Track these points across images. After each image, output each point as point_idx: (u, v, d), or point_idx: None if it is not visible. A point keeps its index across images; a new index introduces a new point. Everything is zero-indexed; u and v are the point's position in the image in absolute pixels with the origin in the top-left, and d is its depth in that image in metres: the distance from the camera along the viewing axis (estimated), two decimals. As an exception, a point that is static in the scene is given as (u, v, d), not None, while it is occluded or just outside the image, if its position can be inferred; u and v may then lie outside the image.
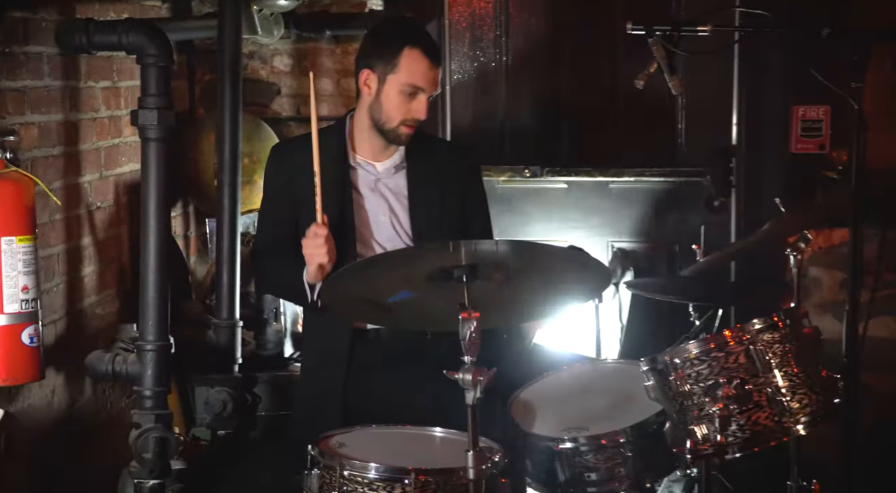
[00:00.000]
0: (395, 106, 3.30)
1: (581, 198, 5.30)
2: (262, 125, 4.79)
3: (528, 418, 3.13)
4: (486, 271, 2.74)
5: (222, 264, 4.22)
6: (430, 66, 3.27)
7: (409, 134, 3.33)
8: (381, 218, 3.38)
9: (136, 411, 3.43)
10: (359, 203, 3.37)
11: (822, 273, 4.93)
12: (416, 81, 3.27)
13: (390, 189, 3.40)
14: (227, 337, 4.15)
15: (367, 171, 3.39)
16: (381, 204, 3.39)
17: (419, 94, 3.28)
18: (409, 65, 3.26)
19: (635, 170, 5.23)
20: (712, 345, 2.88)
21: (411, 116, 3.30)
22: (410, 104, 3.29)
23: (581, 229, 5.30)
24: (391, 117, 3.31)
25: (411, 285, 2.79)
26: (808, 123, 4.98)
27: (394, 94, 3.29)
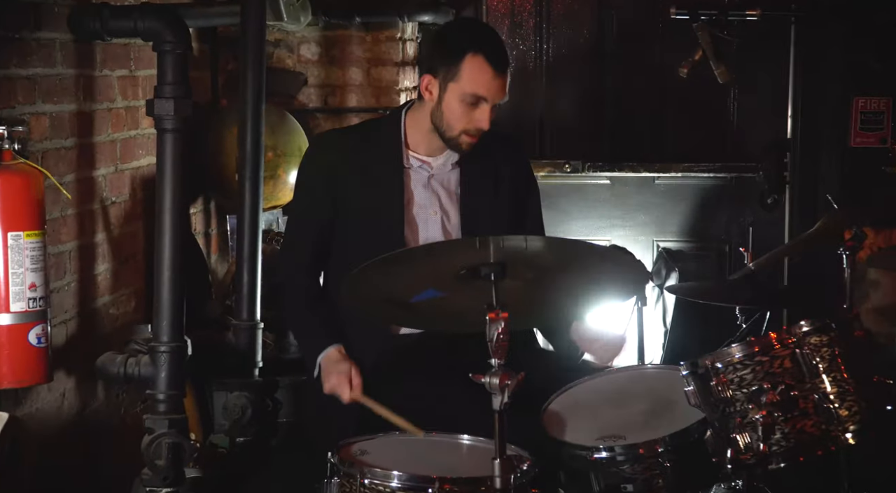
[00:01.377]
0: (457, 115, 3.30)
1: (624, 195, 5.31)
2: (287, 117, 4.80)
3: (562, 425, 3.11)
4: (515, 269, 2.73)
5: (243, 262, 4.22)
6: (495, 74, 3.25)
7: (470, 143, 3.34)
8: (432, 216, 3.41)
9: (149, 415, 3.45)
10: (409, 202, 3.39)
11: (881, 275, 4.87)
12: (479, 91, 3.26)
13: (443, 186, 3.43)
14: (247, 339, 4.15)
15: (421, 168, 3.42)
16: (433, 201, 3.42)
17: (482, 103, 3.27)
18: (471, 73, 3.25)
19: (683, 165, 5.23)
20: (756, 348, 2.86)
21: (473, 125, 3.30)
22: (473, 113, 3.29)
23: (624, 228, 5.30)
24: (452, 126, 3.32)
25: (437, 283, 2.79)
26: (869, 116, 4.94)
27: (455, 102, 3.28)
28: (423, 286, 2.81)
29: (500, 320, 2.65)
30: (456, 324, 2.97)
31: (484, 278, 2.73)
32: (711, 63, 3.11)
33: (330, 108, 5.05)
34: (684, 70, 3.19)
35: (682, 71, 3.21)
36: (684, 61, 3.18)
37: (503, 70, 3.27)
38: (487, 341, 2.64)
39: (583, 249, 2.81)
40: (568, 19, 5.34)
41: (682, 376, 2.95)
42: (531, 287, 2.80)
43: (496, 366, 2.64)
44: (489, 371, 2.63)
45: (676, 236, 5.27)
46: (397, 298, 2.84)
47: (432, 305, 2.86)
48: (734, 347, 2.88)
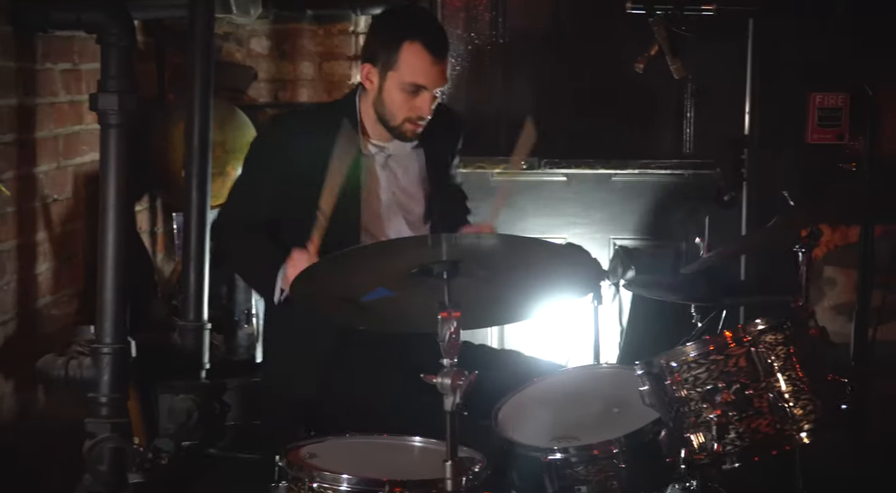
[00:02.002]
0: (398, 104, 3.33)
1: (581, 192, 5.31)
2: (236, 112, 4.79)
3: (515, 426, 3.12)
4: (469, 267, 2.73)
5: (189, 261, 4.22)
6: (433, 61, 3.28)
7: (415, 130, 3.37)
8: (390, 198, 3.44)
9: (91, 419, 3.44)
10: (366, 188, 3.40)
11: (836, 273, 4.93)
12: (417, 79, 3.28)
13: (402, 168, 3.46)
14: (193, 340, 4.15)
15: (378, 154, 3.44)
16: (391, 183, 3.45)
17: (422, 91, 3.29)
18: (408, 61, 3.27)
19: (640, 162, 5.25)
20: (711, 347, 2.88)
21: (415, 113, 3.33)
22: (413, 101, 3.32)
23: (581, 226, 5.31)
24: (394, 115, 3.35)
25: (388, 282, 2.78)
26: (826, 112, 4.98)
27: (395, 91, 3.31)
28: (373, 285, 2.80)
29: (453, 320, 2.64)
30: (408, 324, 2.97)
31: (436, 276, 2.72)
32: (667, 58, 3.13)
33: (280, 103, 5.04)
34: (640, 65, 3.21)
35: (637, 66, 3.22)
36: (640, 56, 3.20)
37: (442, 57, 3.30)
38: (439, 340, 2.64)
39: (537, 246, 2.81)
40: (525, 13, 5.35)
41: (637, 375, 2.97)
42: (485, 286, 2.80)
43: (448, 366, 2.63)
44: (441, 371, 2.62)
45: (633, 234, 5.29)
46: (348, 296, 2.83)
47: (383, 304, 2.85)
48: (689, 346, 2.90)
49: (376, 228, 3.44)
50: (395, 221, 3.45)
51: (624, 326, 4.95)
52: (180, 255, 4.50)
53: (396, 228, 3.46)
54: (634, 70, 3.26)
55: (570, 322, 4.78)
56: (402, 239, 3.12)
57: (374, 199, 3.43)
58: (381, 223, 3.44)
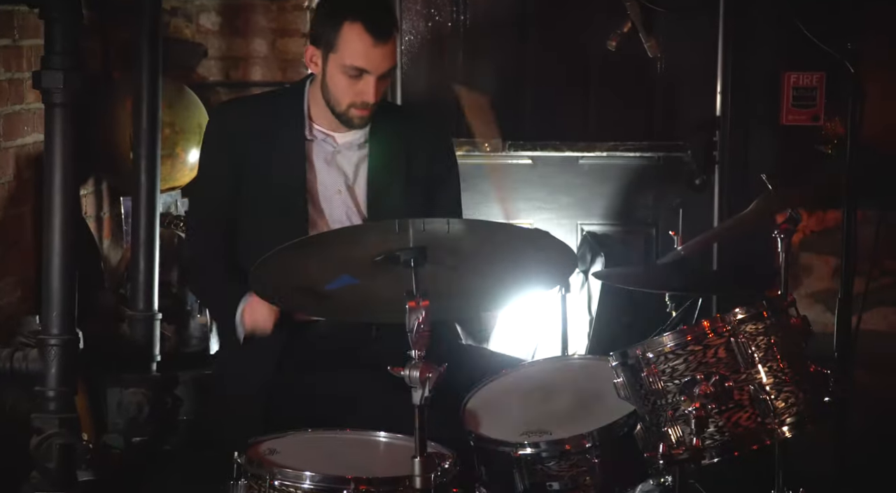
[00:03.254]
0: (341, 89, 3.30)
1: (547, 175, 5.32)
2: (185, 91, 4.76)
3: (484, 420, 3.12)
4: (437, 254, 2.73)
5: (138, 248, 4.21)
6: (373, 43, 3.24)
7: (362, 117, 3.34)
8: (336, 195, 3.40)
9: (38, 414, 3.41)
10: (312, 179, 3.38)
11: (813, 259, 4.98)
12: (357, 62, 3.25)
13: (349, 163, 3.42)
14: (143, 331, 4.14)
15: (324, 143, 3.41)
16: (337, 179, 3.41)
17: (365, 75, 3.27)
18: (349, 43, 3.24)
19: (608, 144, 5.25)
20: (689, 337, 2.88)
21: (360, 99, 3.30)
22: (357, 86, 3.28)
23: (547, 211, 5.32)
24: (338, 100, 3.32)
25: (353, 270, 2.77)
26: (801, 92, 5.02)
27: (338, 75, 3.28)
28: (336, 273, 2.79)
29: (421, 309, 2.64)
30: (373, 313, 2.97)
31: (403, 264, 2.72)
32: (641, 36, 3.14)
33: (232, 82, 5.01)
34: (612, 43, 3.22)
35: (610, 44, 3.23)
36: (612, 34, 3.20)
37: (384, 38, 3.25)
38: (407, 331, 2.63)
39: (508, 232, 2.82)
40: (487, -12, 5.35)
41: (612, 366, 2.97)
42: (453, 274, 2.80)
43: (416, 358, 2.63)
44: (409, 363, 2.62)
45: (602, 219, 5.29)
46: (309, 286, 2.83)
47: (347, 292, 2.84)
48: (666, 336, 2.91)
49: (323, 225, 3.41)
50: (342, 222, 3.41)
51: (593, 315, 4.97)
52: (129, 241, 4.47)
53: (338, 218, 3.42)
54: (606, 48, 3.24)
55: (536, 312, 4.79)
56: (367, 224, 3.12)
57: (317, 194, 3.41)
58: (326, 221, 3.41)
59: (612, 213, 5.28)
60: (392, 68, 3.31)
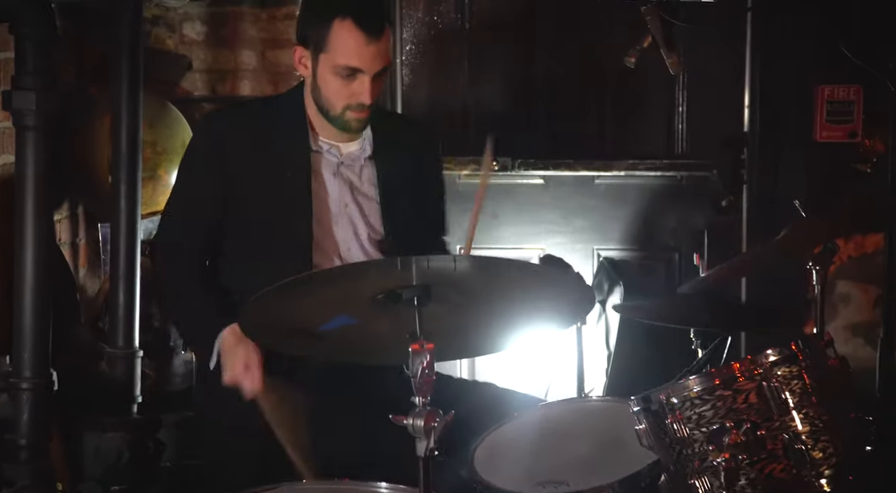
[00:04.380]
0: (333, 90, 3.32)
1: (561, 196, 5.31)
2: (168, 108, 4.76)
3: (495, 469, 3.12)
4: (442, 292, 2.72)
5: (118, 279, 4.20)
6: (366, 40, 3.26)
7: (359, 119, 3.36)
8: (343, 210, 3.44)
9: (8, 464, 3.39)
10: (318, 192, 3.41)
11: (851, 288, 4.95)
12: (350, 61, 3.27)
13: (355, 175, 3.46)
14: (123, 370, 4.14)
15: (330, 154, 3.44)
16: (344, 192, 3.44)
17: (359, 74, 3.28)
18: (340, 41, 3.27)
19: (626, 162, 5.24)
20: (717, 381, 2.89)
21: (355, 100, 3.32)
22: (351, 87, 3.30)
23: (560, 235, 5.31)
24: (332, 104, 3.35)
25: (350, 309, 2.77)
26: (837, 106, 5.00)
27: (329, 76, 3.31)
28: (332, 313, 2.78)
29: (425, 353, 2.63)
30: (372, 355, 2.96)
31: (405, 303, 2.71)
32: (662, 51, 3.12)
33: (219, 96, 5.01)
34: (631, 59, 3.21)
35: (628, 60, 3.22)
36: (631, 49, 3.20)
37: (377, 35, 3.27)
38: (411, 376, 2.63)
39: (519, 269, 2.81)
40: (493, -6, 5.36)
41: (633, 412, 2.97)
42: (460, 312, 2.79)
43: (421, 405, 2.63)
44: (412, 411, 2.61)
45: (620, 244, 5.29)
46: (303, 326, 2.82)
47: (344, 333, 2.83)
48: (692, 379, 2.90)
49: (328, 243, 3.43)
50: (346, 239, 3.45)
51: (611, 350, 4.95)
52: (107, 271, 4.46)
53: (347, 245, 3.46)
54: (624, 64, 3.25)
55: (550, 347, 4.78)
56: (367, 262, 3.12)
57: (324, 210, 3.43)
58: (332, 238, 3.43)
59: (631, 237, 5.27)
60: (387, 67, 3.34)
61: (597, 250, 5.30)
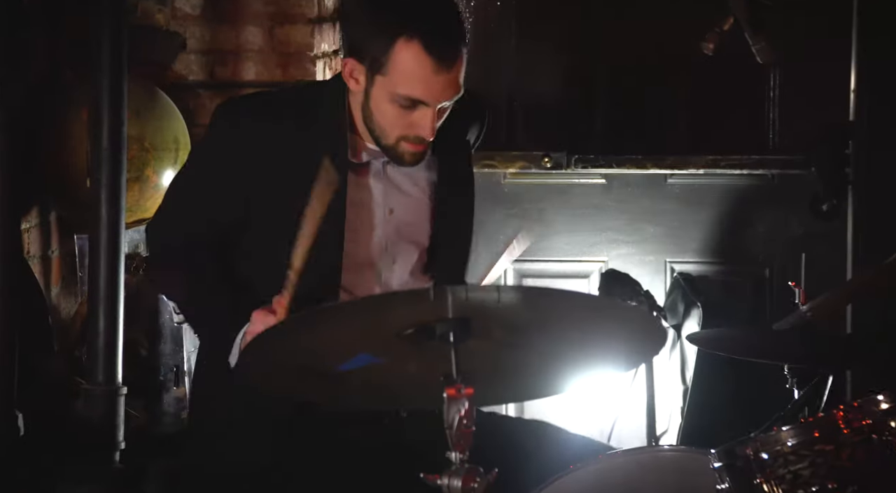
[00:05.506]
0: (390, 119, 3.27)
1: (626, 199, 5.34)
2: (158, 96, 4.78)
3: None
4: (482, 326, 2.70)
5: (98, 302, 4.20)
6: (436, 68, 3.17)
7: (415, 153, 3.31)
8: (386, 216, 3.42)
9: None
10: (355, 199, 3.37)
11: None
12: (413, 93, 3.20)
13: (403, 175, 3.43)
14: (103, 410, 4.13)
15: (375, 161, 3.41)
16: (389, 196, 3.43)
17: (421, 106, 3.23)
18: (403, 66, 3.18)
19: (705, 158, 5.25)
20: (816, 433, 2.86)
21: (413, 132, 3.27)
22: (410, 117, 3.25)
23: (626, 245, 5.34)
24: (385, 132, 3.29)
25: (374, 347, 2.75)
26: (965, 90, 4.99)
27: (385, 103, 3.24)
28: (351, 351, 2.76)
29: (463, 399, 2.62)
30: (399, 402, 2.95)
31: (439, 339, 2.69)
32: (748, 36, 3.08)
33: (218, 81, 5.03)
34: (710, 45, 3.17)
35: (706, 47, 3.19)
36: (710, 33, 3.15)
37: (450, 62, 3.18)
38: (446, 427, 2.61)
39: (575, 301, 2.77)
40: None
41: (714, 468, 2.93)
42: (504, 350, 2.77)
43: (458, 462, 2.61)
44: (448, 470, 2.61)
45: (698, 257, 5.30)
46: (317, 367, 2.80)
47: (365, 375, 2.82)
48: (785, 431, 2.87)
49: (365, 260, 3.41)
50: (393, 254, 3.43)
51: (688, 385, 4.92)
52: (85, 292, 4.46)
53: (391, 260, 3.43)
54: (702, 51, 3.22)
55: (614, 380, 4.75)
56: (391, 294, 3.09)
57: (364, 223, 3.40)
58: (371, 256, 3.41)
59: (712, 248, 5.27)
60: (457, 96, 3.26)
61: (670, 263, 5.32)
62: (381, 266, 3.41)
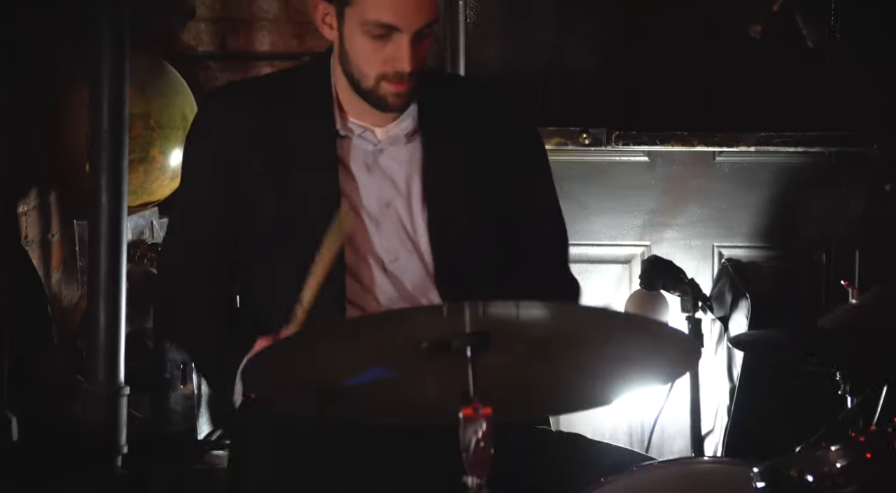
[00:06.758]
0: (364, 55, 3.26)
1: (671, 178, 5.34)
2: (164, 68, 4.80)
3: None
4: (502, 340, 2.68)
5: (98, 295, 4.21)
6: None
7: (398, 93, 3.30)
8: (384, 211, 3.40)
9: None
10: (350, 191, 3.37)
11: None
12: (381, 15, 3.19)
13: (398, 164, 3.41)
14: (104, 412, 4.14)
15: (362, 140, 3.40)
16: (384, 188, 3.40)
17: (395, 33, 3.23)
18: None
19: (757, 135, 5.23)
20: (868, 454, 2.81)
21: (391, 68, 3.26)
22: (385, 50, 3.25)
23: (671, 228, 5.35)
24: (363, 73, 3.29)
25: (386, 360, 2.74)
26: None
27: (357, 37, 3.25)
28: (364, 365, 2.75)
29: (481, 419, 2.60)
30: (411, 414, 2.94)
31: (456, 353, 2.67)
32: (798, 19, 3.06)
33: (229, 52, 5.06)
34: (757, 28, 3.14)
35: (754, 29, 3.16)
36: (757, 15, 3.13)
37: None
38: (462, 450, 2.60)
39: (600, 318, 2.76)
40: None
41: (756, 489, 2.91)
42: (525, 365, 2.75)
43: (474, 488, 2.59)
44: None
45: (748, 241, 5.31)
46: (325, 381, 2.79)
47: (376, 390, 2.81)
48: (834, 450, 2.83)
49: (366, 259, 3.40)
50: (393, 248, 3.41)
51: (735, 383, 4.89)
52: (84, 283, 4.46)
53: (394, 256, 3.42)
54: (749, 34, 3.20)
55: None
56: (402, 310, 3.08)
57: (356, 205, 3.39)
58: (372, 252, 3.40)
59: (763, 233, 5.27)
60: (432, 22, 3.25)
61: (717, 247, 5.32)
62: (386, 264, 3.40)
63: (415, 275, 3.41)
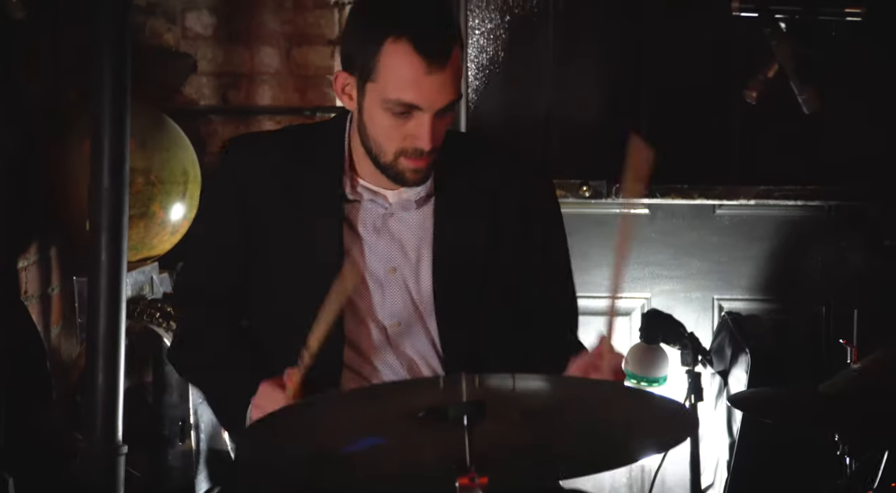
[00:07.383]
0: (384, 131, 3.24)
1: (671, 231, 5.35)
2: (166, 123, 4.78)
3: None
4: (498, 409, 2.68)
5: (97, 356, 4.18)
6: (427, 68, 3.16)
7: (416, 170, 3.28)
8: (389, 276, 3.38)
9: None
10: (354, 254, 3.36)
11: None
12: (405, 95, 3.17)
13: (408, 229, 3.40)
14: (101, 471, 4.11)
15: (373, 203, 3.39)
16: (391, 252, 3.39)
17: (416, 112, 3.21)
18: (392, 69, 3.17)
19: (757, 188, 5.25)
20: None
21: (410, 144, 3.24)
22: (405, 127, 3.23)
23: (671, 280, 5.34)
24: (382, 147, 3.26)
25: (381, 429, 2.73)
26: None
27: (378, 113, 3.22)
28: (360, 433, 2.74)
29: (477, 489, 2.58)
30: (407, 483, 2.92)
31: (452, 421, 2.67)
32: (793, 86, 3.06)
33: (231, 107, 5.05)
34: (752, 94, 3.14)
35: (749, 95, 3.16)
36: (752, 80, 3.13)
37: (441, 60, 3.16)
38: (458, 520, 2.59)
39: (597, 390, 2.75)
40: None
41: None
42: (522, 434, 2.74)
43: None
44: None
45: (748, 294, 5.31)
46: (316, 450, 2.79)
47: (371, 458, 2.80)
48: (833, 518, 2.83)
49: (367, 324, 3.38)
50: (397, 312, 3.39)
51: (734, 438, 4.87)
52: (83, 339, 4.45)
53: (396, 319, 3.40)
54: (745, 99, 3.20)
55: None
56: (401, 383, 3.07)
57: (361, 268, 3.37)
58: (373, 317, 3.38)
59: (763, 285, 5.28)
60: (454, 102, 3.23)
61: (718, 300, 5.33)
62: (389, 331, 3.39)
63: (417, 341, 3.40)
